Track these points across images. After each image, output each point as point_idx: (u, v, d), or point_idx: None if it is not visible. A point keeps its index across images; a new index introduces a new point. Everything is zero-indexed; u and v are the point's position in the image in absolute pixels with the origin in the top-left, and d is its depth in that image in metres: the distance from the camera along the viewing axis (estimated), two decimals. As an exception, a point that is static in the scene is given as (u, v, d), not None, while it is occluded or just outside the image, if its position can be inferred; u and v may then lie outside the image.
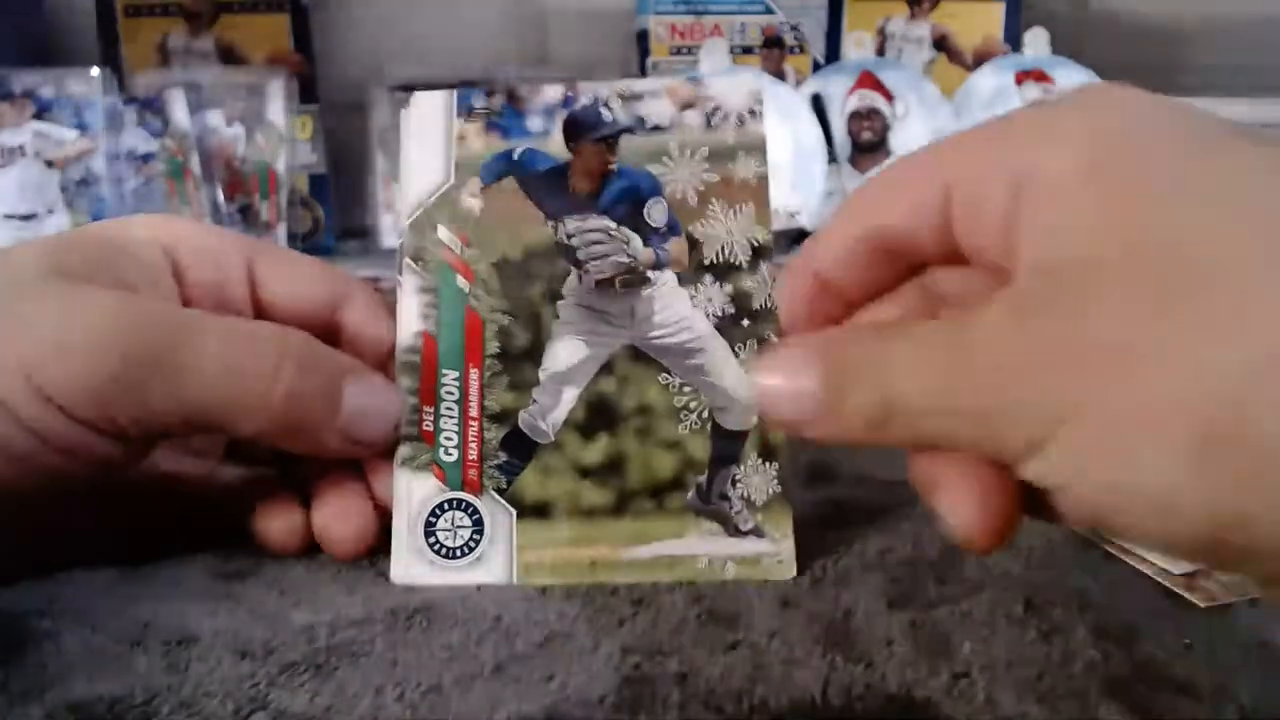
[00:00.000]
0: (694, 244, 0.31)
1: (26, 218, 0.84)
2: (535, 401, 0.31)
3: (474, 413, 0.31)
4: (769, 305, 0.31)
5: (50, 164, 0.85)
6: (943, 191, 0.24)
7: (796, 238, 0.89)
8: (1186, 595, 0.29)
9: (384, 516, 0.31)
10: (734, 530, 0.30)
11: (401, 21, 1.02)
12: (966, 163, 0.24)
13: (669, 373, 0.31)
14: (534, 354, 0.31)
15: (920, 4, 0.99)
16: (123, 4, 0.93)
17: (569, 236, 0.31)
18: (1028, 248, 0.23)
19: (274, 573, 0.30)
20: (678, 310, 0.31)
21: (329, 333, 0.32)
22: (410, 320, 0.31)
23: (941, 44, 1.00)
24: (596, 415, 0.31)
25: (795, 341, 0.25)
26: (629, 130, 0.32)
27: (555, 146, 0.32)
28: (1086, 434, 0.20)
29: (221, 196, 0.88)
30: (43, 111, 0.85)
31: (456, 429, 0.31)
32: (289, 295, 0.32)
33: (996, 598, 0.28)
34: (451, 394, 0.31)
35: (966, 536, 0.23)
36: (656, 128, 0.32)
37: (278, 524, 0.31)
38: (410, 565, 0.30)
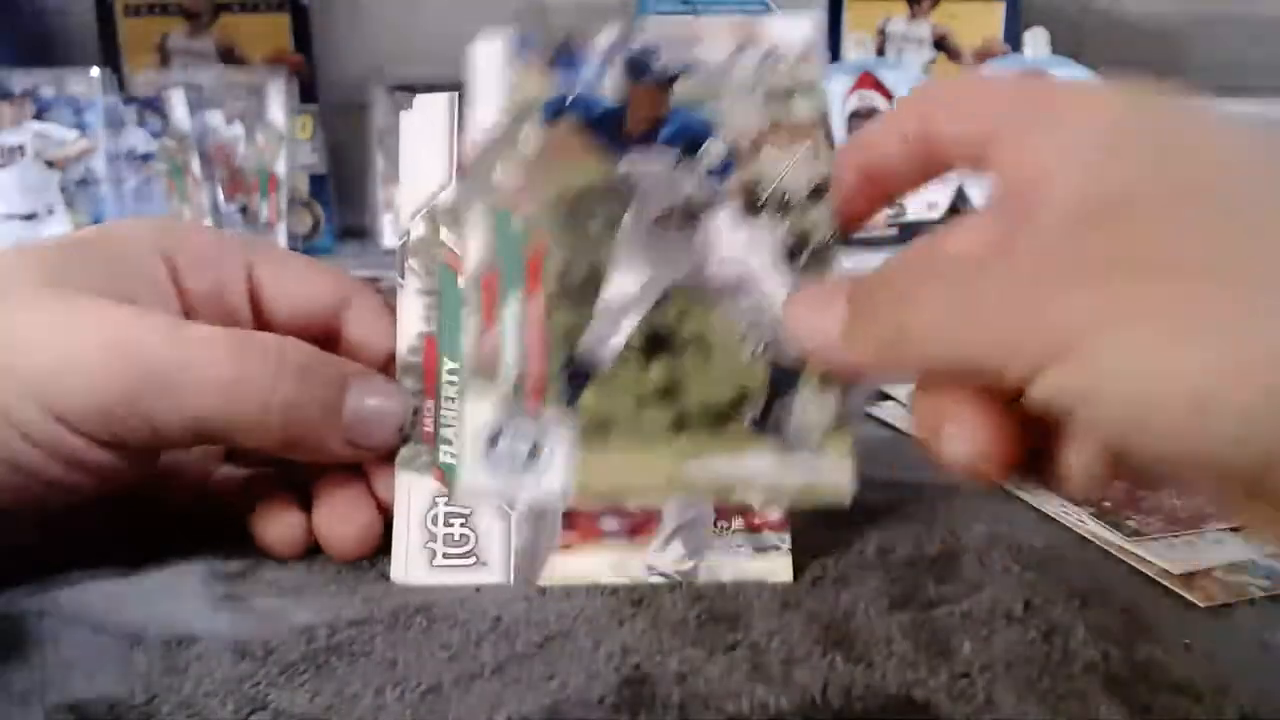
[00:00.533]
0: (750, 184, 0.31)
1: (26, 218, 0.84)
2: (594, 329, 0.31)
3: (535, 335, 0.31)
4: (831, 241, 0.31)
5: (50, 164, 0.85)
6: (994, 122, 0.25)
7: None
8: (1186, 595, 0.29)
9: (387, 517, 0.31)
10: (792, 457, 0.30)
11: (401, 21, 1.02)
12: (1017, 109, 0.25)
13: (726, 306, 0.31)
14: (592, 287, 0.31)
15: (920, 4, 0.99)
16: (123, 4, 0.93)
17: (626, 175, 0.31)
18: (1067, 176, 0.23)
19: (274, 573, 0.30)
20: (734, 248, 0.31)
21: (330, 334, 0.32)
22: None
23: (941, 44, 1.00)
24: (654, 342, 0.31)
25: (824, 281, 0.28)
26: (683, 72, 0.32)
27: (610, 89, 0.32)
28: (1108, 342, 0.20)
29: (221, 196, 0.88)
30: (43, 111, 0.85)
31: (519, 347, 0.31)
32: (290, 298, 0.32)
33: (996, 597, 0.28)
34: (514, 316, 0.31)
35: (975, 467, 0.24)
36: (710, 69, 0.32)
37: (277, 527, 0.31)
38: (475, 477, 0.30)
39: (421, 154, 0.33)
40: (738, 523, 0.30)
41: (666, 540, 0.30)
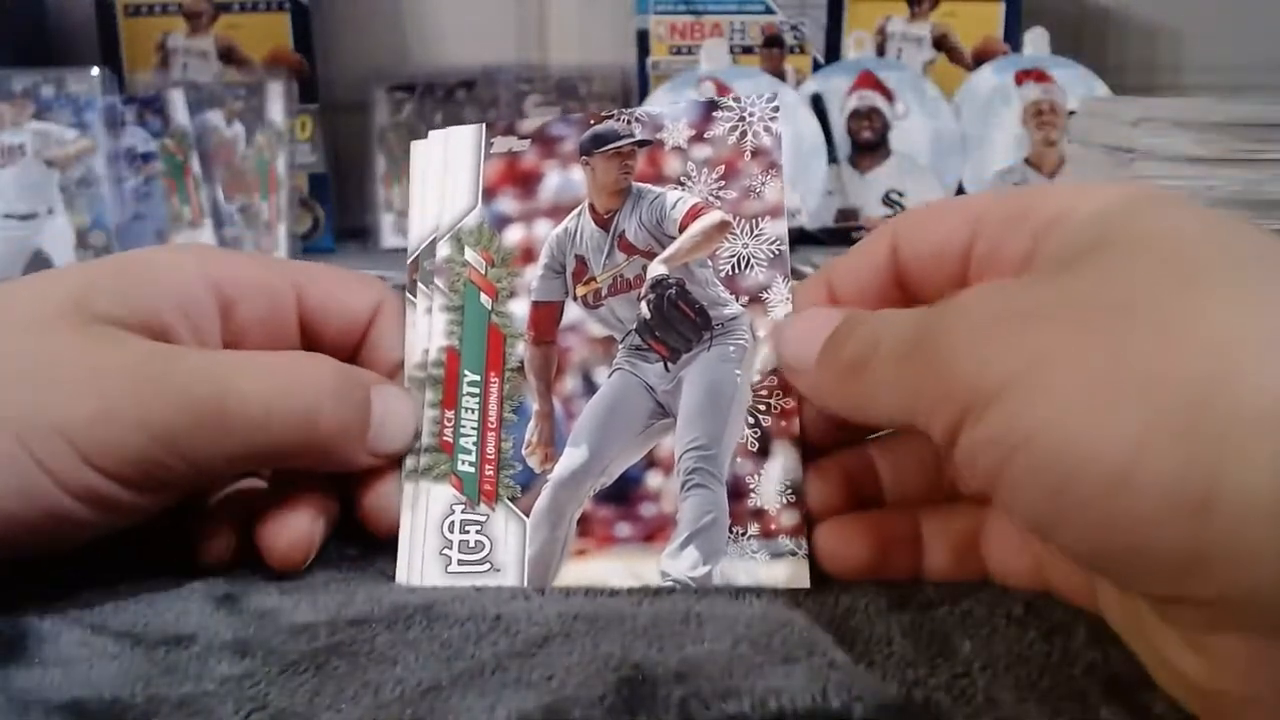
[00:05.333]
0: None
1: (26, 217, 0.84)
2: None
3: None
4: None
5: (50, 164, 0.85)
6: (972, 225, 0.26)
7: (796, 238, 0.88)
8: (1186, 595, 0.29)
9: (329, 526, 0.31)
10: None
11: (401, 21, 1.02)
12: (1000, 205, 0.26)
13: None
14: None
15: (920, 4, 0.99)
16: (123, 4, 0.93)
17: None
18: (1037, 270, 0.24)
19: (274, 573, 0.30)
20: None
21: (362, 340, 0.33)
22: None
23: (941, 44, 1.00)
24: None
25: (824, 308, 0.29)
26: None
27: None
28: (1038, 392, 0.20)
29: (221, 196, 0.88)
30: (43, 111, 0.85)
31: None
32: (336, 316, 0.32)
33: (996, 598, 0.28)
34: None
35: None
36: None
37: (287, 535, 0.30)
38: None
39: (431, 183, 0.34)
40: (753, 528, 0.30)
41: (681, 546, 0.30)
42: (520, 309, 0.32)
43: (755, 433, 0.31)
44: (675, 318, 0.31)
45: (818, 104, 0.94)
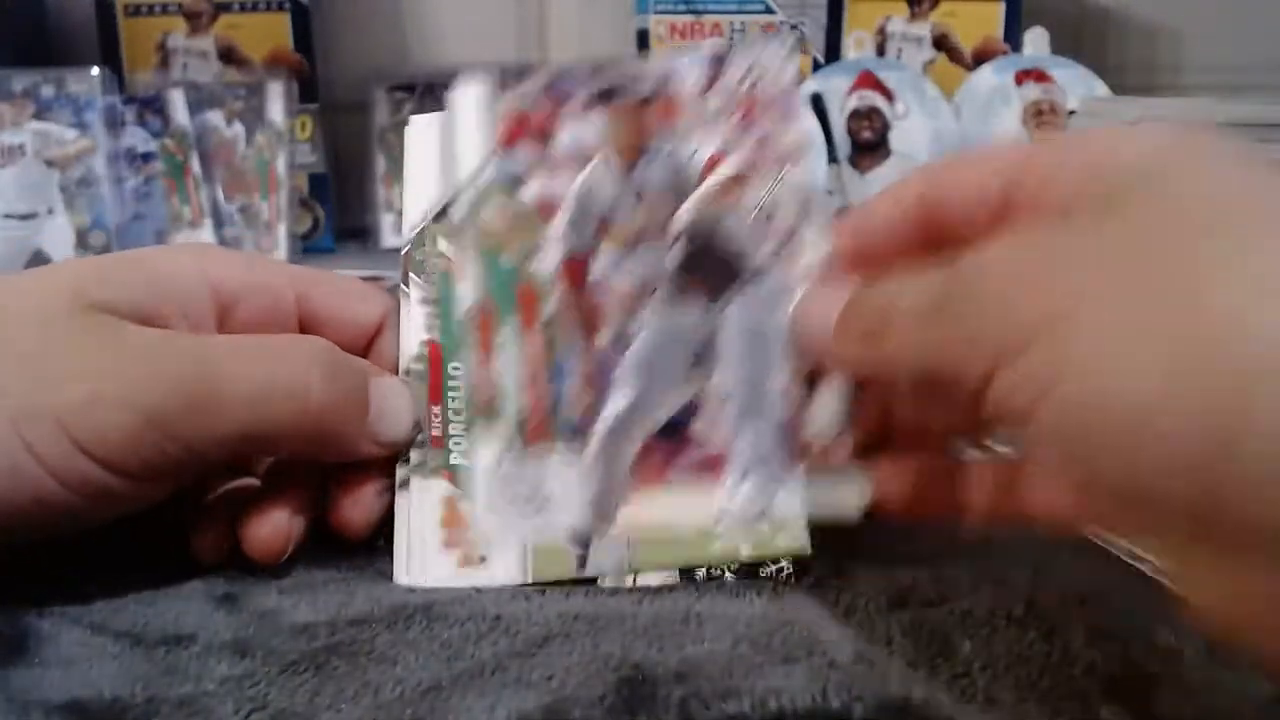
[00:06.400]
0: None
1: (26, 217, 0.84)
2: None
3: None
4: None
5: (50, 164, 0.85)
6: (1014, 170, 0.25)
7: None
8: (1186, 595, 0.29)
9: (310, 523, 0.31)
10: None
11: (401, 21, 1.02)
12: (1045, 150, 0.25)
13: None
14: None
15: (920, 4, 0.99)
16: (123, 4, 0.93)
17: None
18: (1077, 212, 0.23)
19: (274, 573, 0.30)
20: None
21: (366, 351, 0.33)
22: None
23: (941, 44, 1.00)
24: None
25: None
26: None
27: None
28: (1068, 337, 0.20)
29: (221, 196, 0.88)
30: (43, 111, 0.85)
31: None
32: (341, 325, 0.32)
33: (996, 598, 0.28)
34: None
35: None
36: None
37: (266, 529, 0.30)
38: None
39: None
40: (806, 459, 0.30)
41: (738, 481, 0.30)
42: (546, 264, 0.32)
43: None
44: (707, 264, 0.32)
45: (818, 104, 0.94)
